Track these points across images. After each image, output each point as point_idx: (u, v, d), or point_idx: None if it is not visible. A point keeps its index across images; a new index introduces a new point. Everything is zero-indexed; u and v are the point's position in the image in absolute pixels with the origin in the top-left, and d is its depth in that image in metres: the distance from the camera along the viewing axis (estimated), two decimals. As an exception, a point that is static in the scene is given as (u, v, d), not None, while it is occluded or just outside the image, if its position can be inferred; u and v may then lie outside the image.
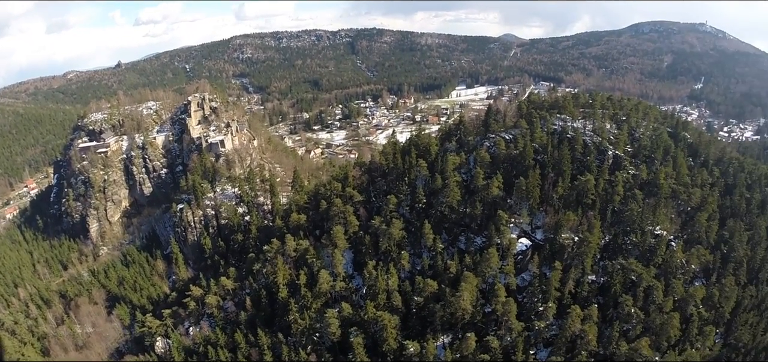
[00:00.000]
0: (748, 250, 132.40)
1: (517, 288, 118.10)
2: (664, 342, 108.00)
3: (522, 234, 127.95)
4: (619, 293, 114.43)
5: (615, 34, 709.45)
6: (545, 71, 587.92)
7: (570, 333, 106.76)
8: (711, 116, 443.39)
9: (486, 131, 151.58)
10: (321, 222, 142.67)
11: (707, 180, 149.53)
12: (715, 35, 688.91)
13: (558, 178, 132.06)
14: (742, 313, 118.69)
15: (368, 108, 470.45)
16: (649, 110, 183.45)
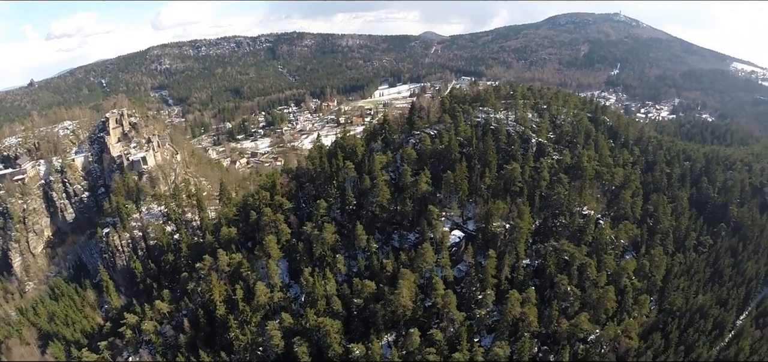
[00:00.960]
0: (673, 221, 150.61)
1: (455, 280, 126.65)
2: (603, 315, 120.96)
3: (454, 227, 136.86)
4: (554, 273, 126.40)
5: (533, 28, 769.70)
6: (466, 66, 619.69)
7: (511, 317, 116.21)
8: (628, 100, 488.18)
9: (411, 128, 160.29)
10: (252, 233, 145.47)
11: (629, 159, 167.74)
12: (629, 24, 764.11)
13: (485, 169, 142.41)
14: (673, 279, 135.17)
15: (292, 113, 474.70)
16: (569, 98, 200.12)
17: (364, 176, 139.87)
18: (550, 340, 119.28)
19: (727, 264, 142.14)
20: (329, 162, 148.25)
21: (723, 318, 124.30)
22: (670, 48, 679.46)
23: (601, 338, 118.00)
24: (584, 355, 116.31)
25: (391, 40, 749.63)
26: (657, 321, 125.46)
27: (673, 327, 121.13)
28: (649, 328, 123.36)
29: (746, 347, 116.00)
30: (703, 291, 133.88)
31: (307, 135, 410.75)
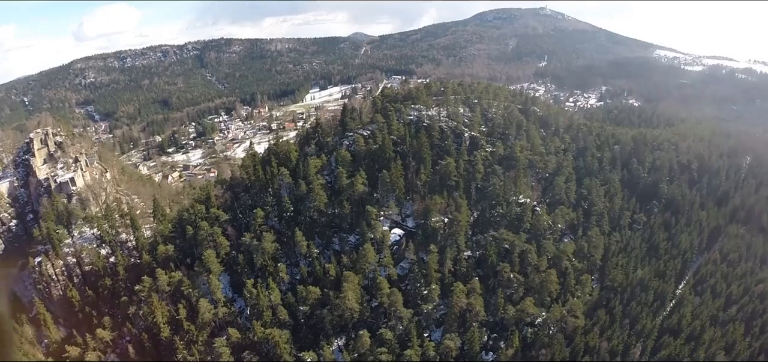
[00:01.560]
0: (607, 202, 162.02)
1: (399, 278, 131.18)
2: (547, 298, 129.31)
3: (393, 225, 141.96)
4: (496, 262, 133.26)
5: (461, 24, 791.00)
6: (396, 65, 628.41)
7: (458, 308, 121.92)
8: (557, 90, 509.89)
9: (344, 130, 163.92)
10: (190, 249, 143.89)
11: (560, 147, 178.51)
12: (555, 17, 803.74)
13: (420, 166, 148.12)
14: (611, 258, 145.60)
15: (223, 122, 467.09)
16: (499, 91, 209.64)
17: (299, 182, 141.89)
18: (498, 327, 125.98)
19: (661, 239, 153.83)
20: (263, 170, 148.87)
21: (663, 289, 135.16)
22: (595, 39, 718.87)
23: (548, 320, 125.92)
24: (533, 338, 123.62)
25: (321, 42, 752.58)
26: (600, 299, 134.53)
27: (616, 302, 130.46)
28: (593, 306, 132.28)
29: (688, 314, 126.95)
30: (641, 265, 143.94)
31: (240, 144, 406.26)
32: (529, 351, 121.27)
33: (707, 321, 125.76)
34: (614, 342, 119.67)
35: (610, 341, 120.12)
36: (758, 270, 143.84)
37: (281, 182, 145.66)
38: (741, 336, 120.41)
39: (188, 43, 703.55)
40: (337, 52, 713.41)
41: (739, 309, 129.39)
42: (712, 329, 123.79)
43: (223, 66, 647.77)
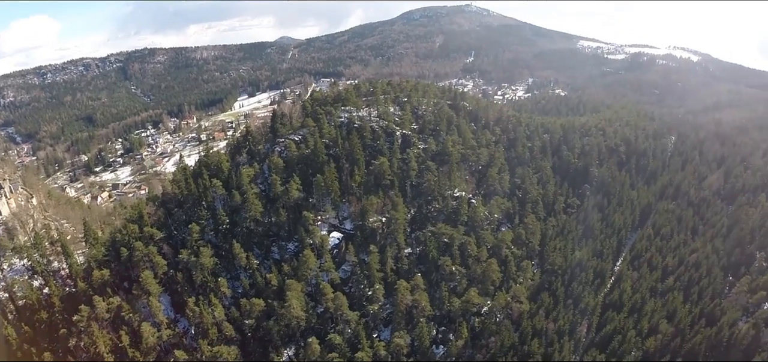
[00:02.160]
0: (540, 189, 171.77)
1: (342, 281, 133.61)
2: (490, 287, 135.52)
3: (332, 229, 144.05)
4: (437, 257, 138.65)
5: (388, 24, 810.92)
6: (325, 68, 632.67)
7: (404, 306, 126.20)
8: (485, 84, 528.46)
9: (275, 136, 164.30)
10: (127, 272, 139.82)
11: (491, 139, 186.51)
12: (480, 13, 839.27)
13: (353, 167, 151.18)
14: (549, 242, 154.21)
15: (150, 136, 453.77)
16: (428, 88, 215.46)
17: (233, 193, 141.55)
18: (446, 321, 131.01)
19: (596, 220, 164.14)
20: (195, 183, 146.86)
21: (602, 267, 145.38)
22: (520, 33, 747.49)
23: (493, 308, 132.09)
24: (481, 328, 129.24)
25: (247, 48, 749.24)
26: (542, 282, 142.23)
27: (558, 284, 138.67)
28: (536, 290, 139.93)
29: (628, 288, 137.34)
30: (578, 247, 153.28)
31: (169, 158, 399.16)
32: (478, 340, 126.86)
33: (647, 293, 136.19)
34: (560, 323, 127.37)
35: (557, 322, 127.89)
36: (690, 241, 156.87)
37: (214, 194, 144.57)
38: (681, 303, 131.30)
39: (111, 55, 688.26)
40: (265, 58, 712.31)
41: (675, 279, 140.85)
42: (653, 300, 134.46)
43: (147, 77, 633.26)
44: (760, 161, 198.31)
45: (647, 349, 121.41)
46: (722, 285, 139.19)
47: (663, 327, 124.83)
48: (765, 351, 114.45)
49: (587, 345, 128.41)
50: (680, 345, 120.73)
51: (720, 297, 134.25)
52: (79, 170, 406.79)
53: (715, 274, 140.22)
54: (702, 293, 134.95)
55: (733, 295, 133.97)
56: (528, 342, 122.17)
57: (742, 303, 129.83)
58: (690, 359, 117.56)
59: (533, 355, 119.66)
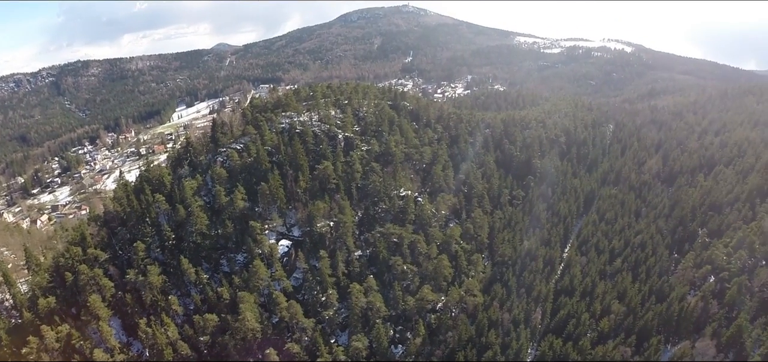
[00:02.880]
0: (485, 183, 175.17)
1: (294, 289, 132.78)
2: (443, 282, 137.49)
3: (280, 237, 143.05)
4: (388, 257, 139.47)
5: (326, 27, 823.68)
6: (263, 74, 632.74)
7: (359, 309, 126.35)
8: (424, 83, 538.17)
9: (216, 146, 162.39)
10: (73, 298, 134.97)
11: (434, 137, 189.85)
12: (418, 13, 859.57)
13: (297, 173, 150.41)
14: (498, 234, 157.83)
15: (88, 154, 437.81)
16: (368, 90, 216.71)
17: (177, 207, 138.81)
18: (402, 320, 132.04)
19: (542, 209, 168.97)
20: (138, 199, 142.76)
21: (551, 255, 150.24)
22: (457, 31, 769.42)
23: (448, 303, 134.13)
24: (437, 324, 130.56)
25: (183, 56, 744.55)
26: (494, 274, 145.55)
27: (509, 274, 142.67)
28: (488, 282, 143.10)
29: (578, 273, 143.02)
30: (526, 237, 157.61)
31: (109, 174, 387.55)
32: (436, 337, 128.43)
33: (597, 276, 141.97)
34: (515, 312, 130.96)
35: (511, 311, 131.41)
36: (634, 223, 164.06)
37: (158, 209, 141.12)
38: (630, 283, 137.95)
39: (43, 69, 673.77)
40: (202, 66, 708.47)
41: (623, 261, 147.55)
42: (603, 282, 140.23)
43: (82, 91, 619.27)
44: (696, 144, 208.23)
45: (602, 330, 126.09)
46: (668, 262, 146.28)
47: (615, 307, 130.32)
48: (715, 322, 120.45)
49: (543, 332, 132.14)
50: (633, 322, 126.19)
51: (667, 274, 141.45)
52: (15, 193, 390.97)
53: (660, 253, 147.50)
54: (649, 271, 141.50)
55: (680, 271, 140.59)
56: (485, 334, 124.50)
57: (688, 278, 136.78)
58: (643, 335, 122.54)
59: (492, 346, 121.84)
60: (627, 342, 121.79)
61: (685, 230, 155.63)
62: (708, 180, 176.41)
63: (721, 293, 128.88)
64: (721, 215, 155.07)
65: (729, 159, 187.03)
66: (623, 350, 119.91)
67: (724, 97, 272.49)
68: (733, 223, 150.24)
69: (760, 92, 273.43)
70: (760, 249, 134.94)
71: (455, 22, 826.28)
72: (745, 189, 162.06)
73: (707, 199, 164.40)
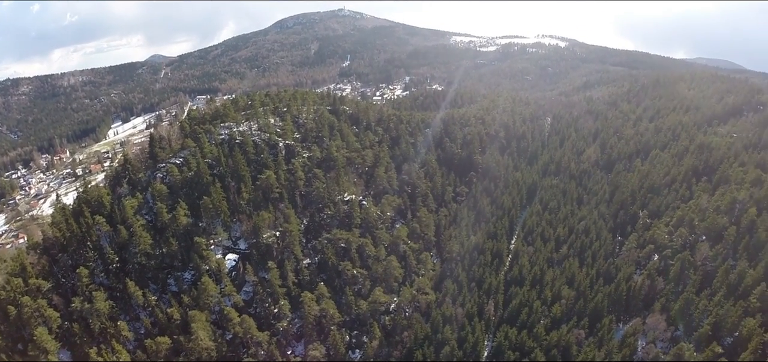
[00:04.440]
0: (428, 182, 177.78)
1: (245, 303, 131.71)
2: (394, 283, 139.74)
3: (227, 251, 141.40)
4: (337, 263, 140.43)
5: (262, 34, 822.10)
6: (200, 85, 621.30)
7: (312, 317, 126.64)
8: (363, 86, 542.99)
9: (155, 162, 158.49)
10: (18, 332, 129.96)
11: (375, 140, 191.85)
12: (354, 17, 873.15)
13: (240, 184, 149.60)
14: (444, 231, 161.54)
15: (22, 178, 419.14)
16: (307, 96, 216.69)
17: (118, 228, 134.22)
18: (357, 324, 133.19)
19: (486, 204, 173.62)
20: (77, 223, 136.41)
21: (498, 247, 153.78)
22: (394, 33, 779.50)
23: (401, 304, 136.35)
24: (392, 325, 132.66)
25: (117, 70, 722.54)
26: (443, 271, 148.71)
27: (459, 270, 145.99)
28: (439, 279, 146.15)
29: (526, 263, 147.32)
30: (473, 232, 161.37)
31: (45, 199, 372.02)
32: (392, 338, 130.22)
33: (545, 264, 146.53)
34: (468, 306, 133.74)
35: (464, 306, 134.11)
36: (577, 211, 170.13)
37: (99, 232, 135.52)
38: (578, 268, 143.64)
39: None
40: (136, 79, 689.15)
41: (569, 247, 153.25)
42: (551, 270, 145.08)
43: (12, 112, 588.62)
44: (632, 131, 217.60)
45: (554, 315, 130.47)
46: (612, 245, 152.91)
47: (565, 293, 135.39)
48: (663, 297, 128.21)
49: (497, 323, 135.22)
50: (584, 305, 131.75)
51: (612, 256, 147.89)
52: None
53: (604, 237, 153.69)
54: (595, 255, 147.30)
55: (624, 253, 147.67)
56: (440, 331, 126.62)
57: (633, 259, 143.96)
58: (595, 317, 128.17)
59: (448, 342, 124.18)
60: (580, 325, 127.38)
61: (627, 214, 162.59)
62: (645, 164, 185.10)
63: (666, 270, 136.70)
64: (659, 197, 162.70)
65: (664, 143, 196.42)
66: (577, 333, 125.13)
67: (656, 85, 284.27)
68: (672, 203, 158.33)
69: (691, 79, 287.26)
70: (699, 226, 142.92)
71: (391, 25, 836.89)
72: (681, 170, 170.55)
73: (645, 182, 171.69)
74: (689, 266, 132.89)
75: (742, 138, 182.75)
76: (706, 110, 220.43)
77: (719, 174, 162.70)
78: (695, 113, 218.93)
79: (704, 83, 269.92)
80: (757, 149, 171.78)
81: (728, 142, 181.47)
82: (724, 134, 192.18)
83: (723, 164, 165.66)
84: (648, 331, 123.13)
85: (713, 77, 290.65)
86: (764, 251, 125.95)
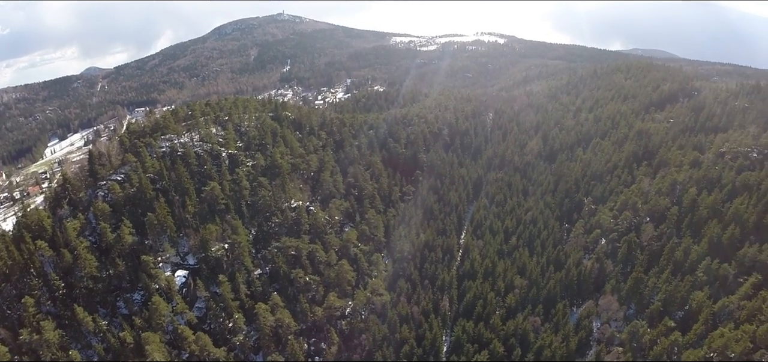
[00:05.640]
0: (374, 183, 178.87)
1: (199, 320, 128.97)
2: (348, 287, 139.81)
3: (176, 268, 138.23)
4: (288, 271, 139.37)
5: (200, 42, 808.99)
6: (138, 97, 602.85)
7: (268, 328, 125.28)
8: (304, 91, 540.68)
9: (95, 180, 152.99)
10: None
11: (319, 144, 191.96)
12: (293, 21, 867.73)
13: (184, 198, 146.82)
14: (393, 231, 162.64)
15: None
16: (248, 103, 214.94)
17: (62, 251, 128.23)
18: (314, 331, 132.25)
19: (433, 201, 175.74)
20: (18, 250, 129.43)
21: (448, 243, 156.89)
22: (334, 36, 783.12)
23: (356, 307, 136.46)
24: (350, 329, 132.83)
25: (51, 85, 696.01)
26: (396, 271, 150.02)
27: (411, 268, 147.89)
28: (392, 279, 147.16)
29: (476, 256, 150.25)
30: (422, 230, 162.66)
31: None
32: (350, 342, 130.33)
33: (495, 256, 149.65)
34: (423, 304, 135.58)
35: (419, 304, 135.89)
36: (523, 202, 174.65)
37: (42, 257, 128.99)
38: (528, 257, 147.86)
39: None
40: (72, 94, 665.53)
41: (518, 238, 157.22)
42: (502, 261, 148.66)
43: None
44: (572, 121, 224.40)
45: (509, 305, 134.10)
46: (560, 232, 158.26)
47: (518, 282, 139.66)
48: (613, 279, 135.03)
49: (454, 317, 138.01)
50: (537, 293, 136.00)
51: (561, 243, 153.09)
52: None
53: (551, 225, 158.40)
54: (544, 244, 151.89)
55: (572, 239, 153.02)
56: (398, 330, 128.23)
57: (581, 244, 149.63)
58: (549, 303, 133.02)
59: (407, 341, 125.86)
60: (535, 312, 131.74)
61: (572, 201, 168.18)
62: (587, 153, 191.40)
63: (614, 252, 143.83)
64: (603, 183, 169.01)
65: (604, 132, 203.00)
66: (533, 320, 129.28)
67: (594, 76, 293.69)
68: (615, 188, 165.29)
69: (627, 69, 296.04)
70: (642, 208, 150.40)
71: (331, 28, 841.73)
72: (622, 157, 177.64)
73: (588, 170, 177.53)
74: (636, 247, 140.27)
75: (678, 123, 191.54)
76: (643, 98, 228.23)
77: (659, 158, 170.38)
78: (633, 102, 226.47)
79: (640, 73, 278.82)
80: (693, 132, 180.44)
81: (665, 127, 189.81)
82: (661, 120, 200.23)
83: (662, 149, 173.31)
84: (601, 312, 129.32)
85: (648, 67, 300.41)
86: (707, 228, 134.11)
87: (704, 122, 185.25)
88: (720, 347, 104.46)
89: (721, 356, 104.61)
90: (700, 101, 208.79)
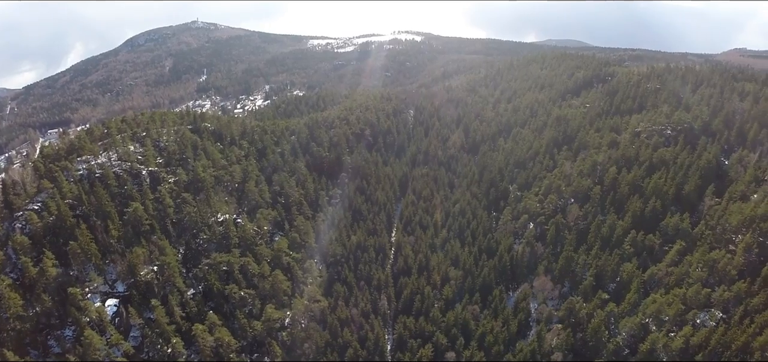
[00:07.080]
0: (300, 189, 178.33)
1: (136, 349, 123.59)
2: (284, 297, 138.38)
3: (105, 297, 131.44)
4: (222, 287, 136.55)
5: (112, 55, 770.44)
6: (50, 118, 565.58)
7: (208, 348, 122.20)
8: (222, 100, 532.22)
9: (11, 211, 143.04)
10: None
11: (241, 154, 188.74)
12: (208, 28, 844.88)
13: (106, 222, 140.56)
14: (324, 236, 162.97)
15: None
16: (166, 117, 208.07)
17: None
18: (255, 346, 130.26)
19: (361, 202, 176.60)
20: None
21: (380, 242, 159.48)
22: (250, 42, 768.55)
23: (295, 316, 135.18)
24: (291, 339, 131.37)
25: None
26: (331, 275, 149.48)
27: (346, 271, 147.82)
28: (328, 284, 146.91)
29: (409, 252, 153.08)
30: (352, 232, 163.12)
31: None
32: (293, 352, 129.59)
33: (427, 250, 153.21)
34: (362, 305, 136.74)
35: (358, 305, 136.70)
36: (450, 195, 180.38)
37: None
38: (460, 248, 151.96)
39: None
40: None
41: (448, 230, 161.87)
42: (435, 255, 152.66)
43: None
44: (492, 113, 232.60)
45: (447, 297, 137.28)
46: (489, 221, 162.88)
47: (453, 274, 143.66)
48: (544, 260, 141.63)
49: (394, 315, 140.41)
50: (473, 282, 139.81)
51: (491, 231, 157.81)
52: None
53: (480, 215, 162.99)
54: (474, 234, 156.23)
55: (501, 226, 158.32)
56: (340, 334, 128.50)
57: (510, 230, 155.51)
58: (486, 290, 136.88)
59: (350, 343, 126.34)
60: (473, 301, 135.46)
61: (498, 190, 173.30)
62: (508, 142, 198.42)
63: (543, 235, 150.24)
64: (526, 170, 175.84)
65: (523, 121, 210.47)
66: (472, 308, 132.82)
67: (511, 68, 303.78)
68: (539, 174, 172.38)
69: (542, 59, 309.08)
70: (566, 190, 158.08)
71: (247, 34, 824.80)
72: (543, 143, 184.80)
73: (511, 159, 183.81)
74: (563, 228, 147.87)
75: (594, 107, 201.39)
76: (560, 86, 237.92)
77: (578, 142, 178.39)
78: (550, 90, 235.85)
79: (555, 62, 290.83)
80: (609, 115, 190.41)
81: (582, 112, 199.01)
82: (578, 106, 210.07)
83: (580, 133, 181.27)
84: (537, 293, 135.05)
85: (563, 56, 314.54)
86: (629, 203, 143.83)
87: (619, 105, 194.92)
88: (654, 312, 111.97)
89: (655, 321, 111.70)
90: (614, 85, 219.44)
